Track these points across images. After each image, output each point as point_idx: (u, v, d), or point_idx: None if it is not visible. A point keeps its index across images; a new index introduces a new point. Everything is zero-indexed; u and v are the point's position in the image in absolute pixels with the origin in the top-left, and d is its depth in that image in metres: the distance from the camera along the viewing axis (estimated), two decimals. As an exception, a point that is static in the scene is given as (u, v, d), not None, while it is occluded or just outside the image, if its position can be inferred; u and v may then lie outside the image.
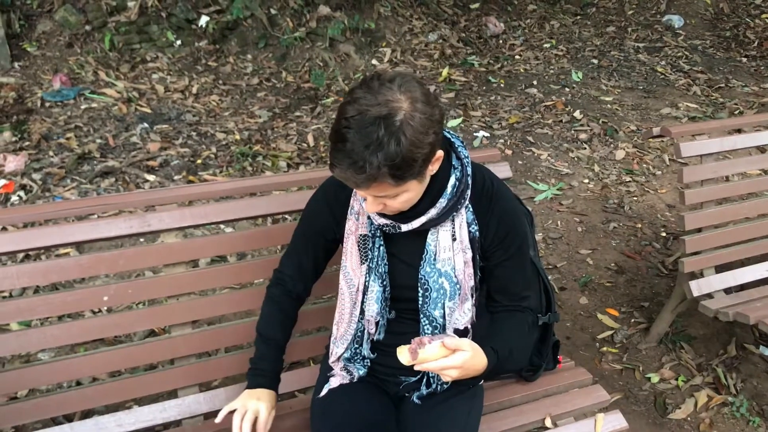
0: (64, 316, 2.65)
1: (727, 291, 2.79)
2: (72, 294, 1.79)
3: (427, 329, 1.65)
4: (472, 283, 1.64)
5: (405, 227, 1.54)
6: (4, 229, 2.97)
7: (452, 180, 1.53)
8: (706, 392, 2.86)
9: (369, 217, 1.60)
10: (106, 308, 2.77)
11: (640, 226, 4.06)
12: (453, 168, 1.55)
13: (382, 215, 1.55)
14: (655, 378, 2.94)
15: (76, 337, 1.82)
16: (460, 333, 1.66)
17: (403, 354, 1.39)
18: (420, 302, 1.63)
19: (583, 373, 2.12)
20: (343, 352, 1.73)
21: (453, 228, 1.58)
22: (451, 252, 1.59)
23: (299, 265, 1.74)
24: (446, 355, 1.39)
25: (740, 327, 3.19)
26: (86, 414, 2.35)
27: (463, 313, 1.65)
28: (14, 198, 3.77)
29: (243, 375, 2.03)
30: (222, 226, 3.48)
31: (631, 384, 2.92)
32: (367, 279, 1.64)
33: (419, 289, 1.61)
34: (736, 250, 2.81)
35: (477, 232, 1.60)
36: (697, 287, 2.72)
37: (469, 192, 1.57)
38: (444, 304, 1.62)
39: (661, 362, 3.04)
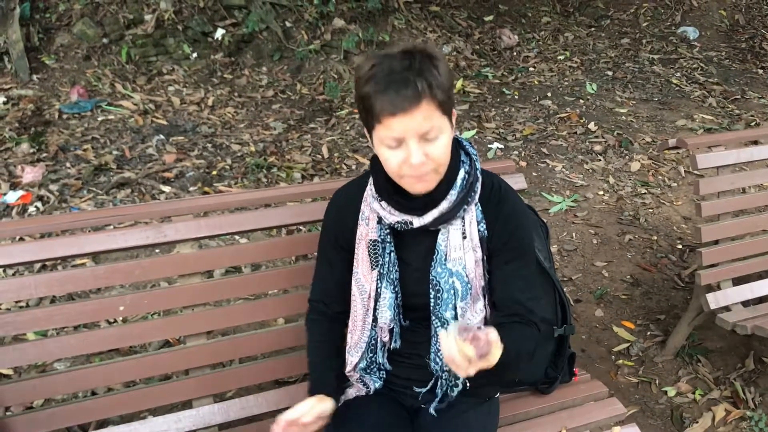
0: (80, 326, 2.67)
1: (745, 304, 2.76)
2: (88, 304, 1.80)
3: (439, 331, 1.60)
4: (483, 282, 1.61)
5: (417, 222, 1.53)
6: (22, 239, 3.00)
7: (461, 173, 1.55)
8: (724, 406, 2.83)
9: (379, 222, 1.59)
10: (121, 318, 2.78)
11: (655, 238, 4.03)
12: (462, 162, 1.56)
13: (395, 211, 1.54)
14: (671, 391, 2.91)
15: (91, 347, 1.83)
16: None
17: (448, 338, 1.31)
18: (432, 304, 1.59)
19: (599, 386, 2.10)
20: (359, 362, 1.71)
21: (463, 226, 1.57)
22: (461, 251, 1.57)
23: (325, 286, 1.73)
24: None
25: (758, 340, 3.16)
26: (101, 424, 2.36)
27: (475, 313, 1.62)
28: (31, 209, 3.80)
29: (257, 386, 2.04)
30: (237, 236, 3.50)
31: (647, 397, 2.89)
32: (379, 285, 1.62)
33: (431, 290, 1.58)
34: (754, 263, 2.78)
35: (486, 231, 1.59)
36: (714, 300, 2.70)
37: (479, 186, 1.57)
38: (455, 304, 1.58)
39: (678, 375, 3.01)
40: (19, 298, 1.76)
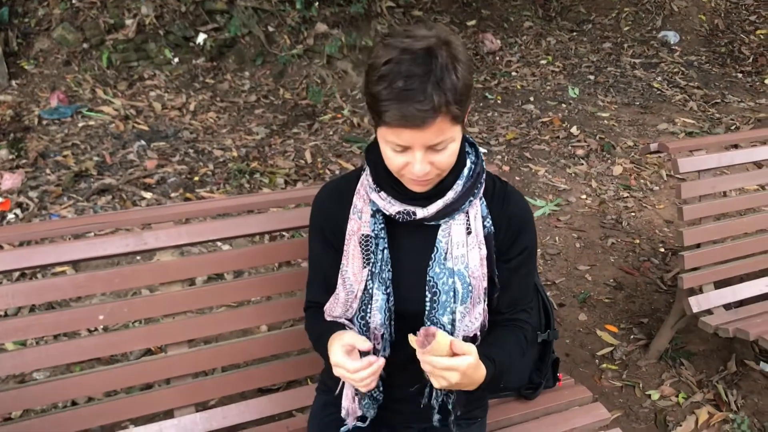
0: (59, 335, 2.63)
1: (727, 307, 2.78)
2: (67, 313, 1.77)
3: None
4: (485, 283, 1.50)
5: (420, 213, 1.44)
6: (0, 247, 2.95)
7: (468, 163, 1.48)
8: (707, 409, 2.84)
9: (372, 215, 1.49)
10: (102, 327, 2.75)
11: (638, 241, 4.05)
12: (467, 153, 1.50)
13: (396, 201, 1.45)
14: (655, 395, 2.92)
15: (71, 357, 1.80)
16: (469, 340, 1.49)
17: (413, 342, 1.31)
18: (427, 308, 1.47)
19: (583, 391, 2.10)
20: None
21: (467, 220, 1.47)
22: (465, 248, 1.46)
23: (327, 287, 1.59)
24: (451, 354, 1.29)
25: (740, 343, 3.18)
26: (81, 434, 2.33)
27: (474, 318, 1.50)
28: (10, 216, 3.75)
29: (240, 394, 2.01)
30: (219, 243, 3.47)
31: (631, 401, 2.90)
32: (370, 286, 1.49)
33: (427, 293, 1.47)
34: (735, 266, 2.80)
35: (492, 227, 1.50)
36: (696, 303, 2.71)
37: (484, 177, 1.50)
38: (454, 308, 1.47)
39: (662, 379, 3.02)
40: (-3, 308, 1.73)
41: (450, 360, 1.29)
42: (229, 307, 2.41)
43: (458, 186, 1.45)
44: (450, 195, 1.44)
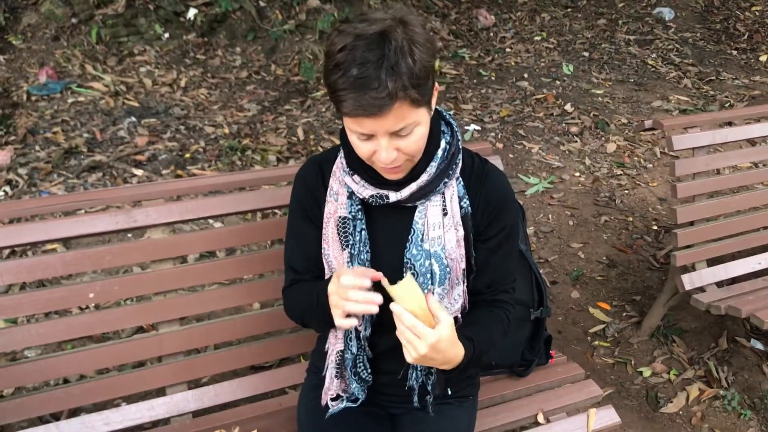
0: (50, 313, 2.62)
1: (719, 284, 2.79)
2: (57, 291, 1.76)
3: None
4: (464, 265, 1.50)
5: (394, 196, 1.43)
6: (-10, 224, 2.93)
7: (442, 143, 1.46)
8: (698, 386, 2.86)
9: (349, 197, 1.49)
10: (93, 305, 2.74)
11: (631, 219, 4.05)
12: (442, 133, 1.48)
13: (369, 185, 1.45)
14: (647, 372, 2.94)
15: (62, 335, 1.80)
16: None
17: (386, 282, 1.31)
18: None
19: (575, 368, 2.11)
20: (344, 350, 1.57)
21: (444, 202, 1.47)
22: (441, 229, 1.46)
23: (307, 256, 1.59)
24: (422, 316, 1.28)
25: (732, 320, 3.19)
26: (73, 412, 2.32)
27: (453, 300, 1.51)
28: (0, 193, 3.72)
29: (232, 372, 2.01)
30: (211, 221, 3.45)
31: (623, 378, 2.92)
32: (349, 267, 1.48)
33: (404, 274, 1.41)
34: (728, 244, 2.80)
35: (469, 208, 1.49)
36: (689, 281, 2.71)
37: (460, 157, 1.48)
38: (432, 290, 1.47)
39: (653, 356, 3.04)
40: (-14, 286, 1.71)
41: (418, 323, 1.27)
42: (222, 284, 2.40)
43: (432, 168, 1.44)
44: (424, 178, 1.43)
